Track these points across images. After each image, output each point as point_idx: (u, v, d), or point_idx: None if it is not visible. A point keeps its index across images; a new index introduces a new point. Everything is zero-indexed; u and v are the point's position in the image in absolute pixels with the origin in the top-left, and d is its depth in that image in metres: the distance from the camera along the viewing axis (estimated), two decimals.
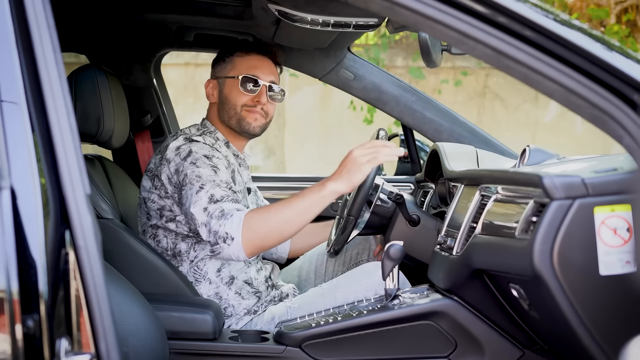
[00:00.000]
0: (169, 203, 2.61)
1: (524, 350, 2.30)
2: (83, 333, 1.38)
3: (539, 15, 1.52)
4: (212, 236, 2.46)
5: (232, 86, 2.74)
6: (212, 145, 2.64)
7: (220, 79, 2.78)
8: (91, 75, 2.80)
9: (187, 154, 2.58)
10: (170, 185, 2.60)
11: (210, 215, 2.46)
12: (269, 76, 2.76)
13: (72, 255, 1.38)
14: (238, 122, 2.74)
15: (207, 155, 2.58)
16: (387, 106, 3.27)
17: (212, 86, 2.81)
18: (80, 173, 1.40)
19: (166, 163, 2.61)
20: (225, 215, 2.45)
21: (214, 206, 2.46)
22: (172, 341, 2.29)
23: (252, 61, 2.77)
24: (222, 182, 2.53)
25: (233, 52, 2.79)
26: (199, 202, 2.48)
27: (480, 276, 2.16)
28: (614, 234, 1.69)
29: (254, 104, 2.72)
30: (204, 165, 2.54)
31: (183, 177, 2.54)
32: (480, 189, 2.27)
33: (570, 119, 8.21)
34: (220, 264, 2.65)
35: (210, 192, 2.49)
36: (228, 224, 2.44)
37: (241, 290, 2.66)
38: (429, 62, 2.53)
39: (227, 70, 2.78)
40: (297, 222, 2.48)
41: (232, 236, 2.43)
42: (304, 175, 3.70)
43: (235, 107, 2.73)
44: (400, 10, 1.54)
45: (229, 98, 2.74)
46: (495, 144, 3.20)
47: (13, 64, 1.43)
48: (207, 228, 2.46)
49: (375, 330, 2.36)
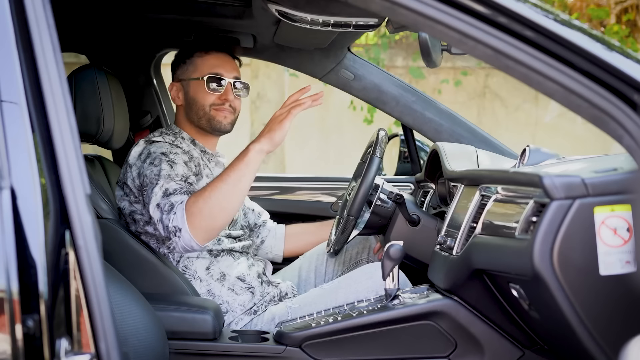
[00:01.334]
0: (139, 207, 2.65)
1: (524, 350, 2.30)
2: (83, 333, 1.38)
3: (539, 15, 1.52)
4: (165, 232, 2.50)
5: (197, 87, 2.78)
6: (171, 143, 2.68)
7: (184, 81, 2.82)
8: (91, 75, 2.80)
9: (146, 155, 2.63)
10: (135, 189, 2.64)
11: (161, 211, 2.50)
12: (231, 72, 2.80)
13: (72, 255, 1.38)
14: (208, 121, 2.77)
15: (164, 152, 2.62)
16: (387, 106, 3.27)
17: (176, 89, 2.84)
18: (80, 173, 1.40)
19: (129, 169, 2.66)
20: (174, 209, 2.48)
21: (164, 201, 2.50)
22: (172, 341, 2.29)
23: (213, 60, 2.80)
24: (177, 176, 2.56)
25: (192, 53, 2.83)
26: (154, 199, 2.52)
27: (480, 276, 2.16)
28: (614, 234, 1.69)
29: (222, 102, 2.76)
30: (161, 163, 2.58)
31: (143, 178, 2.59)
32: (480, 189, 2.27)
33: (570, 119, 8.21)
34: (209, 262, 2.67)
35: (164, 186, 2.53)
36: (174, 217, 2.47)
37: (234, 286, 2.67)
38: (429, 62, 2.53)
39: (190, 72, 2.81)
40: (235, 192, 2.51)
41: (179, 227, 2.46)
42: (304, 175, 3.70)
43: (203, 107, 2.77)
44: (400, 10, 1.54)
45: (196, 99, 2.77)
46: (495, 144, 3.20)
47: (13, 64, 1.43)
48: (162, 225, 2.50)
49: (375, 330, 2.36)
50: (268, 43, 3.21)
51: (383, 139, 2.72)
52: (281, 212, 3.46)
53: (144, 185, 2.58)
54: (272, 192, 3.56)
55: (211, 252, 2.69)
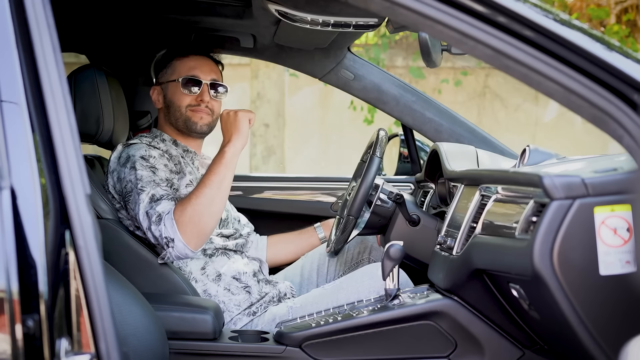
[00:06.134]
0: (124, 213, 2.66)
1: (524, 350, 2.30)
2: (83, 333, 1.38)
3: (539, 15, 1.52)
4: (156, 241, 2.54)
5: (174, 89, 2.82)
6: (149, 144, 2.69)
7: (164, 84, 2.86)
8: (91, 75, 2.80)
9: (125, 159, 2.65)
10: (117, 195, 2.66)
11: (150, 221, 2.52)
12: (209, 75, 2.83)
13: (72, 255, 1.38)
14: (185, 123, 2.80)
15: (143, 157, 2.63)
16: (387, 106, 3.27)
17: (156, 92, 2.88)
18: (80, 173, 1.40)
19: (110, 174, 2.68)
20: (163, 220, 2.51)
21: (152, 211, 2.53)
22: (172, 341, 2.29)
23: (191, 62, 2.84)
24: (162, 181, 2.59)
25: (172, 58, 2.88)
26: (141, 205, 2.54)
27: (480, 276, 2.16)
28: (614, 234, 1.69)
29: (198, 103, 2.79)
30: (142, 167, 2.60)
31: (126, 183, 2.61)
32: (480, 189, 2.27)
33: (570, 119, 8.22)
34: (204, 262, 2.68)
35: (151, 192, 2.55)
36: (164, 229, 2.50)
37: (230, 286, 2.67)
38: (429, 62, 2.53)
39: (168, 75, 2.85)
40: (219, 194, 2.56)
41: (171, 237, 2.50)
42: (304, 175, 3.70)
43: (180, 108, 2.80)
44: (400, 10, 1.54)
45: (173, 101, 2.82)
46: (495, 144, 3.20)
47: (13, 64, 1.43)
48: (151, 234, 2.54)
49: (376, 330, 2.36)
50: (268, 43, 3.21)
51: (383, 139, 2.72)
52: (281, 212, 3.46)
53: (128, 191, 2.60)
54: (272, 192, 3.56)
55: (205, 252, 2.69)
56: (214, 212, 2.55)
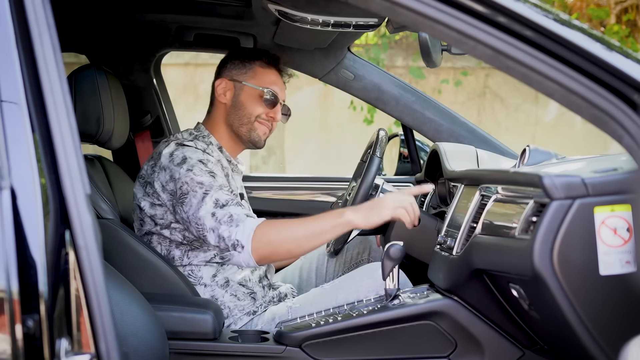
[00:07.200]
0: (162, 211, 2.60)
1: (524, 350, 2.30)
2: (83, 333, 1.38)
3: (539, 15, 1.52)
4: (221, 242, 2.46)
5: (252, 94, 2.72)
6: (204, 150, 2.62)
7: (238, 83, 2.74)
8: (91, 75, 2.80)
9: (181, 160, 2.56)
10: (164, 193, 2.57)
11: (218, 221, 2.45)
12: (283, 94, 2.78)
13: (72, 255, 1.38)
14: (249, 131, 2.72)
15: (201, 160, 2.56)
16: (387, 106, 3.27)
17: (225, 86, 2.75)
18: (80, 173, 1.40)
19: (160, 170, 2.59)
20: (235, 222, 2.44)
21: (221, 211, 2.46)
22: (172, 341, 2.29)
23: (273, 76, 2.76)
24: (224, 186, 2.52)
25: (254, 59, 2.77)
26: (205, 207, 2.46)
27: (480, 276, 2.16)
28: (614, 234, 1.69)
29: (268, 119, 2.73)
30: (201, 171, 2.52)
31: (181, 184, 2.52)
32: (480, 189, 2.27)
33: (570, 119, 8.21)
34: (216, 269, 2.64)
35: (214, 196, 2.48)
36: (239, 232, 2.43)
37: (237, 292, 2.66)
38: (429, 62, 2.53)
39: (248, 77, 2.74)
40: (307, 243, 2.49)
41: (242, 244, 2.43)
42: (304, 175, 3.70)
43: (250, 116, 2.71)
44: (400, 10, 1.54)
45: (247, 105, 2.72)
46: (495, 144, 3.20)
47: (13, 64, 1.43)
48: (216, 233, 2.46)
49: (375, 330, 2.36)
50: (268, 43, 3.21)
51: (383, 139, 2.72)
52: (281, 212, 3.46)
53: (184, 192, 2.51)
54: (272, 192, 3.57)
55: (219, 261, 2.66)
56: (291, 251, 2.53)
